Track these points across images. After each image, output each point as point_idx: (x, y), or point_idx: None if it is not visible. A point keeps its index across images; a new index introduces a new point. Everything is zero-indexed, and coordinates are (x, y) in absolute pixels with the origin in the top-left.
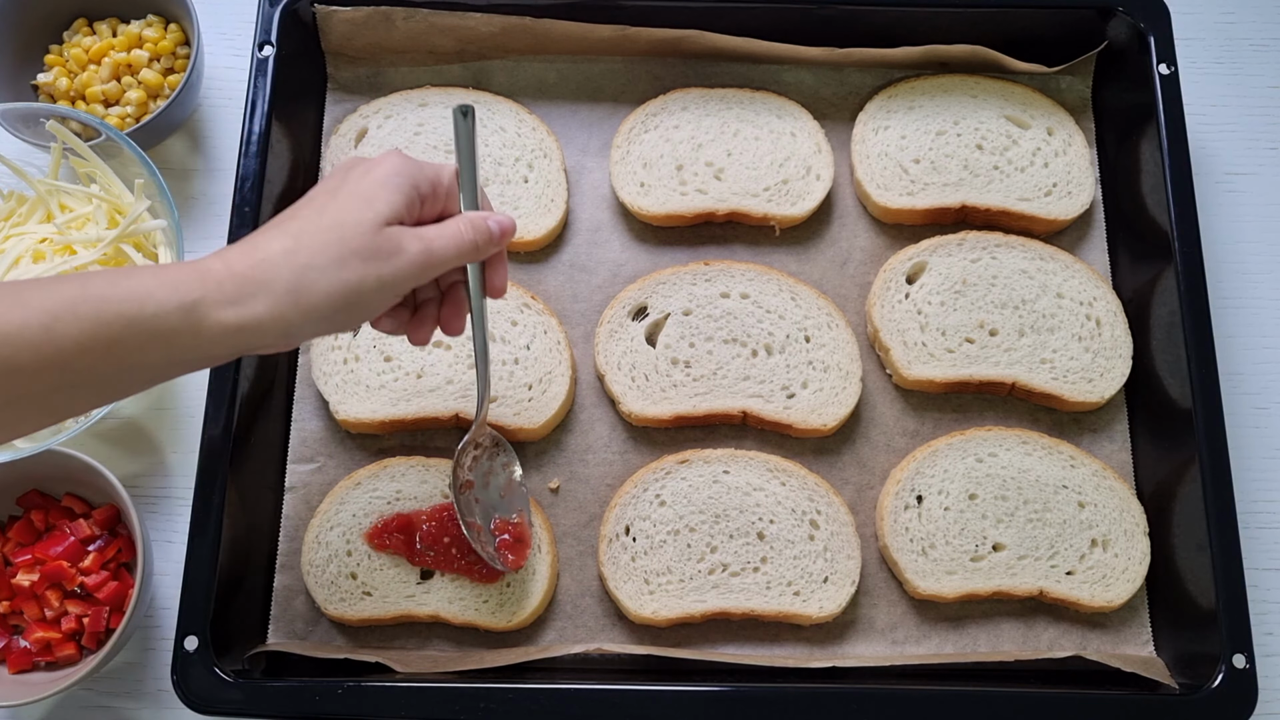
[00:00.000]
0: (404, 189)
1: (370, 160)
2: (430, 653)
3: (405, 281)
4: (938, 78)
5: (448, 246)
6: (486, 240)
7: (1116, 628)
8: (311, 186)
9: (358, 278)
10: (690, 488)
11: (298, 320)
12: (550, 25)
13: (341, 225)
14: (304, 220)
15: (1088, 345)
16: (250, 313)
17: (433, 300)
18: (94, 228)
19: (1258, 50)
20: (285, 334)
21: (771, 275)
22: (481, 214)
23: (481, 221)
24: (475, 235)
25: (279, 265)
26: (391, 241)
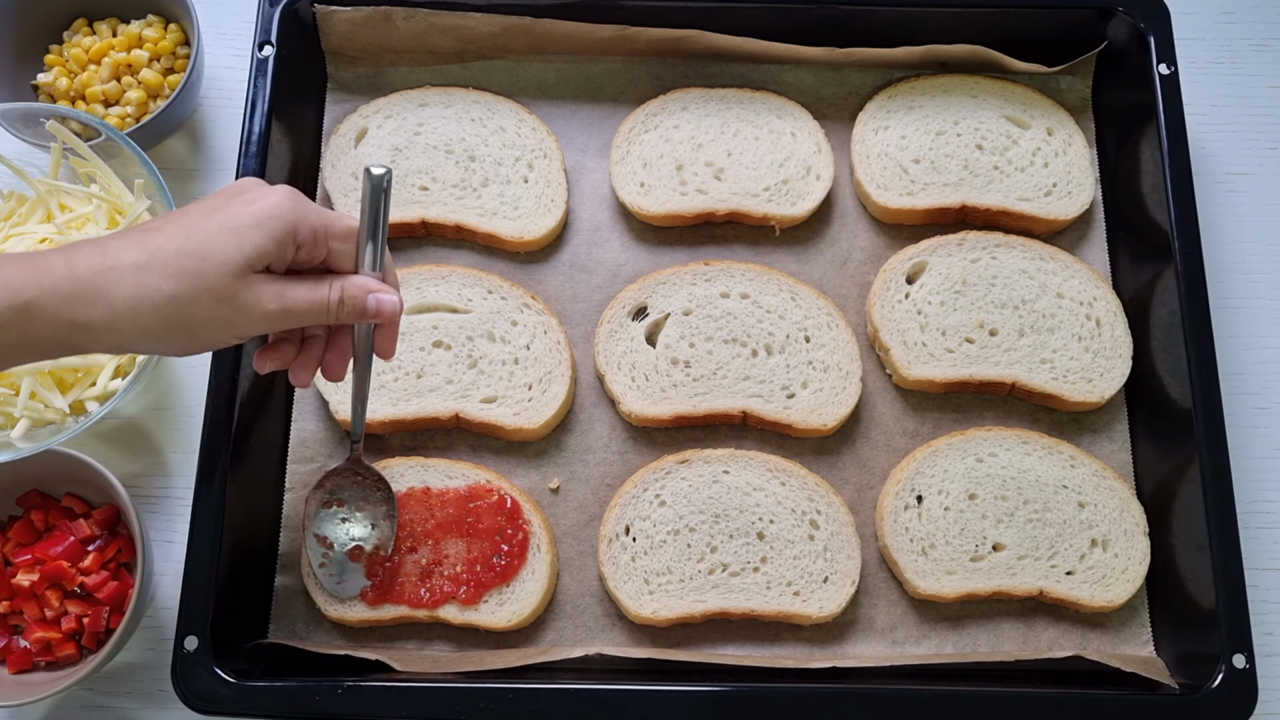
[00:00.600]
0: (278, 234)
1: (260, 190)
2: (430, 653)
3: (254, 331)
4: (938, 78)
5: (307, 310)
6: (355, 313)
7: (1116, 628)
8: (312, 186)
9: (205, 315)
10: (690, 488)
11: (132, 336)
12: (550, 25)
13: (204, 258)
14: (167, 237)
15: (1088, 345)
16: (82, 317)
17: (319, 339)
18: (94, 228)
19: (1258, 50)
20: (117, 346)
21: (771, 275)
22: (363, 285)
23: (359, 294)
24: (342, 307)
25: (125, 279)
26: (250, 290)
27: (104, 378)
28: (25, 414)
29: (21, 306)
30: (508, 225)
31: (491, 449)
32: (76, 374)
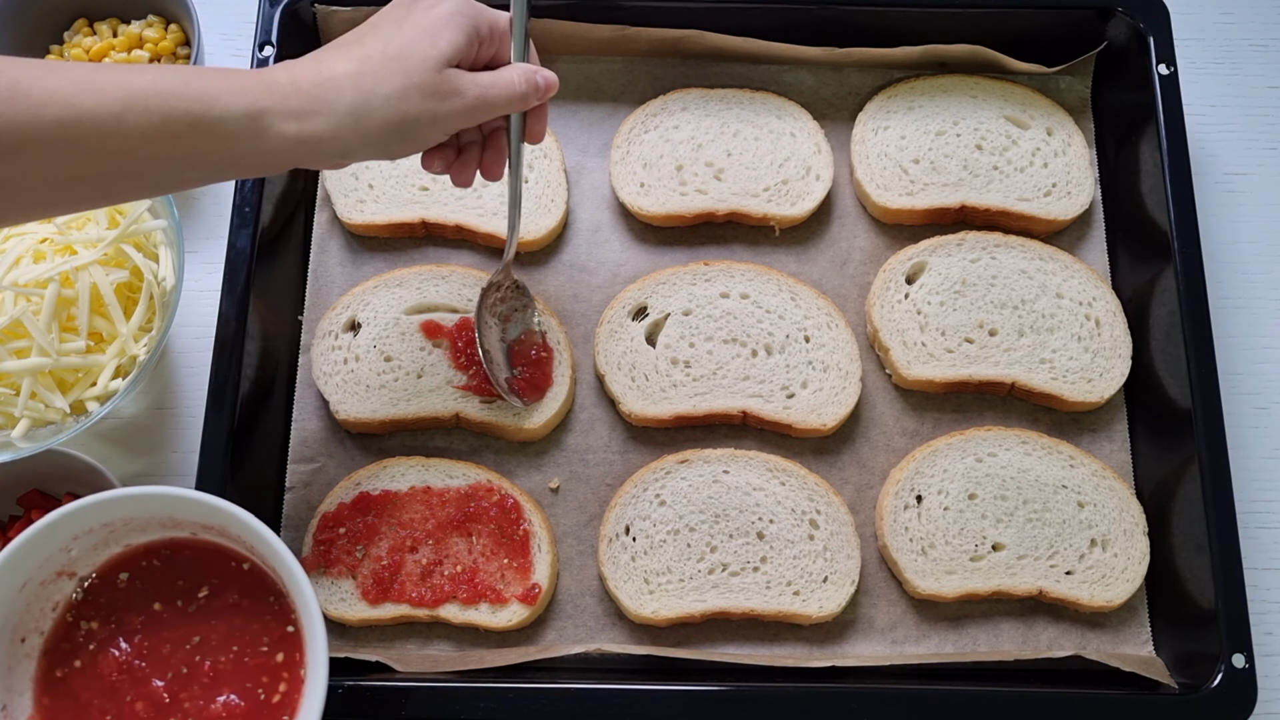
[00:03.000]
0: (466, 29)
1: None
2: (430, 653)
3: (458, 122)
4: (937, 78)
5: (500, 95)
6: (535, 92)
7: (1116, 627)
8: (312, 186)
9: (416, 111)
10: (690, 487)
11: (354, 142)
12: (550, 25)
13: (406, 58)
14: (369, 46)
15: (1087, 345)
16: (311, 128)
17: (476, 144)
18: (94, 228)
19: (1257, 50)
20: (342, 154)
21: (771, 275)
22: (531, 67)
23: (532, 74)
24: (526, 86)
25: (343, 87)
26: (450, 83)
27: (104, 378)
28: (25, 414)
29: (256, 114)
30: None
31: (491, 449)
32: (77, 374)
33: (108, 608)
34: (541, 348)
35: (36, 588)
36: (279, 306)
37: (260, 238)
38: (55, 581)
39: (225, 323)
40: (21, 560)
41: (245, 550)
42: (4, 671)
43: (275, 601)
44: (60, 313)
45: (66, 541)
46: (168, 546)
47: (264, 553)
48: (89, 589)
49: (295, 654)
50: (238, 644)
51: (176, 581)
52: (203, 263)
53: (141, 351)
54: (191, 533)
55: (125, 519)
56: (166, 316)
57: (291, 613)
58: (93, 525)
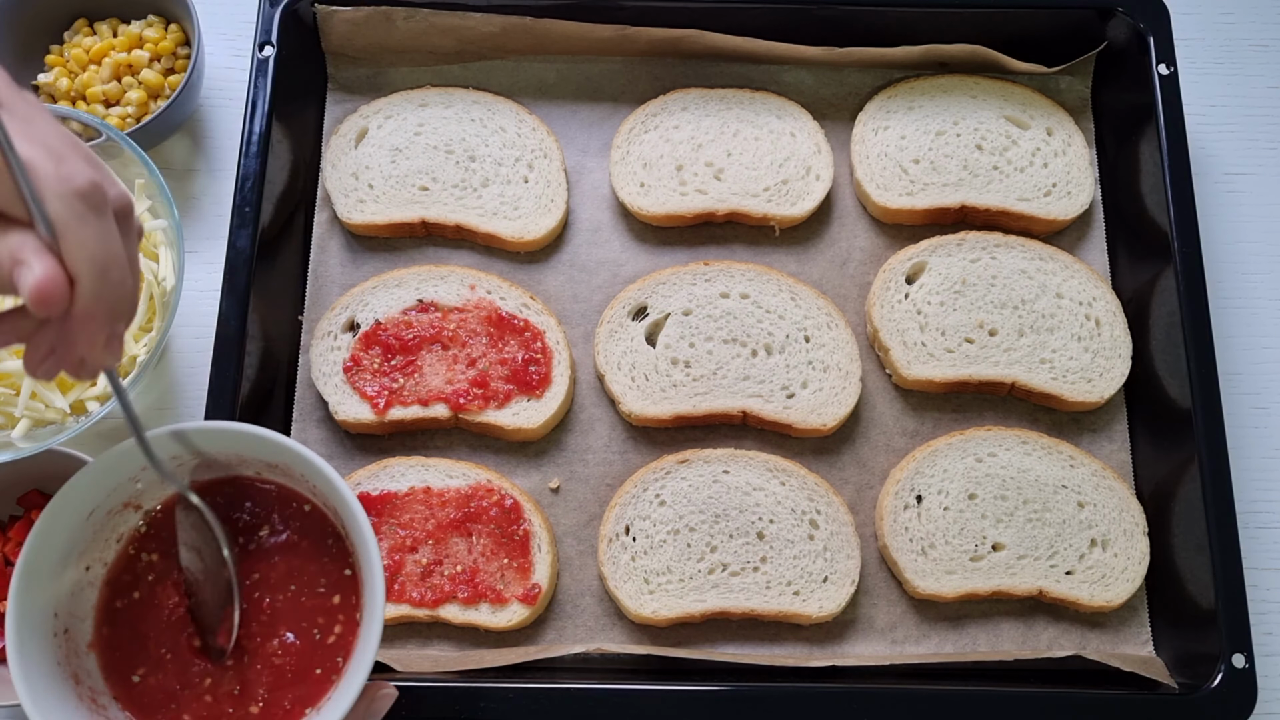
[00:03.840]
0: None
1: None
2: (430, 653)
3: None
4: (937, 78)
5: None
6: None
7: (1116, 627)
8: (312, 186)
9: None
10: (690, 487)
11: None
12: (550, 25)
13: None
14: None
15: (1087, 345)
16: None
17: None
18: None
19: (1257, 50)
20: None
21: (771, 275)
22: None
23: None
24: None
25: None
26: None
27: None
28: (26, 414)
29: None
30: (508, 225)
31: (491, 449)
32: None
33: (169, 542)
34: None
35: (103, 517)
36: (279, 306)
37: (260, 238)
38: (121, 513)
39: (225, 323)
40: (90, 488)
41: (307, 492)
42: (68, 596)
43: (334, 544)
44: None
45: (135, 472)
46: (231, 484)
47: (326, 493)
48: (152, 522)
49: (352, 597)
50: (295, 583)
51: (238, 520)
52: (203, 263)
53: (141, 351)
54: (255, 472)
55: (193, 452)
56: (166, 316)
57: (349, 556)
58: (162, 456)
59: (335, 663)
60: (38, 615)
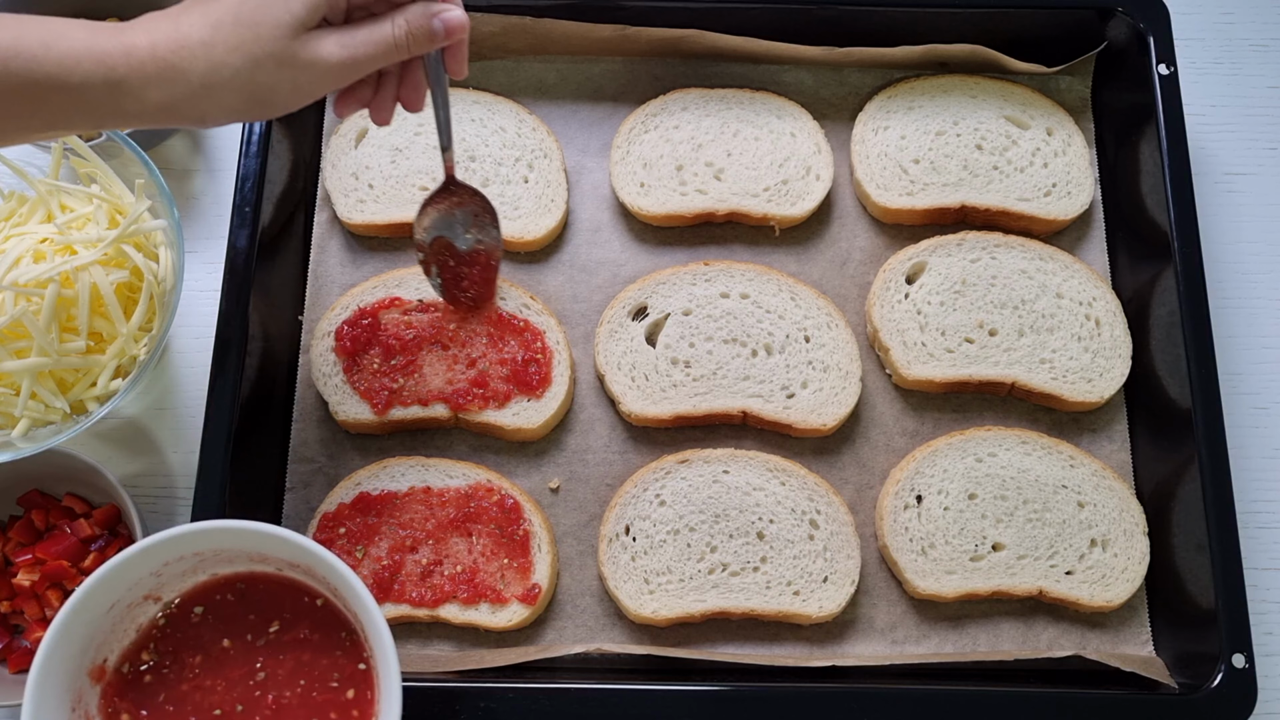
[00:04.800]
0: None
1: None
2: (430, 653)
3: (324, 87)
4: (937, 78)
5: (373, 52)
6: (423, 39)
7: (1116, 627)
8: (312, 186)
9: (271, 81)
10: (690, 487)
11: (212, 111)
12: (550, 25)
13: (257, 24)
14: (224, 8)
15: (1087, 345)
16: (167, 97)
17: (392, 76)
18: (94, 228)
19: (1257, 50)
20: (199, 120)
21: (771, 275)
22: (424, 10)
23: (423, 20)
24: (408, 38)
25: (196, 57)
26: (308, 50)
27: (104, 378)
28: (26, 414)
29: (116, 82)
30: (508, 225)
31: (491, 449)
32: (77, 374)
33: (179, 639)
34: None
35: (123, 610)
36: (279, 306)
37: (260, 238)
38: (141, 605)
39: (225, 323)
40: (115, 580)
41: (323, 589)
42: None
43: (347, 638)
44: (60, 313)
45: (158, 566)
46: (244, 580)
47: (345, 595)
48: (170, 616)
49: (367, 692)
50: (305, 678)
51: (249, 616)
52: (203, 263)
53: (141, 351)
54: (276, 569)
55: (216, 550)
56: (166, 316)
57: (364, 651)
58: (184, 553)
59: None
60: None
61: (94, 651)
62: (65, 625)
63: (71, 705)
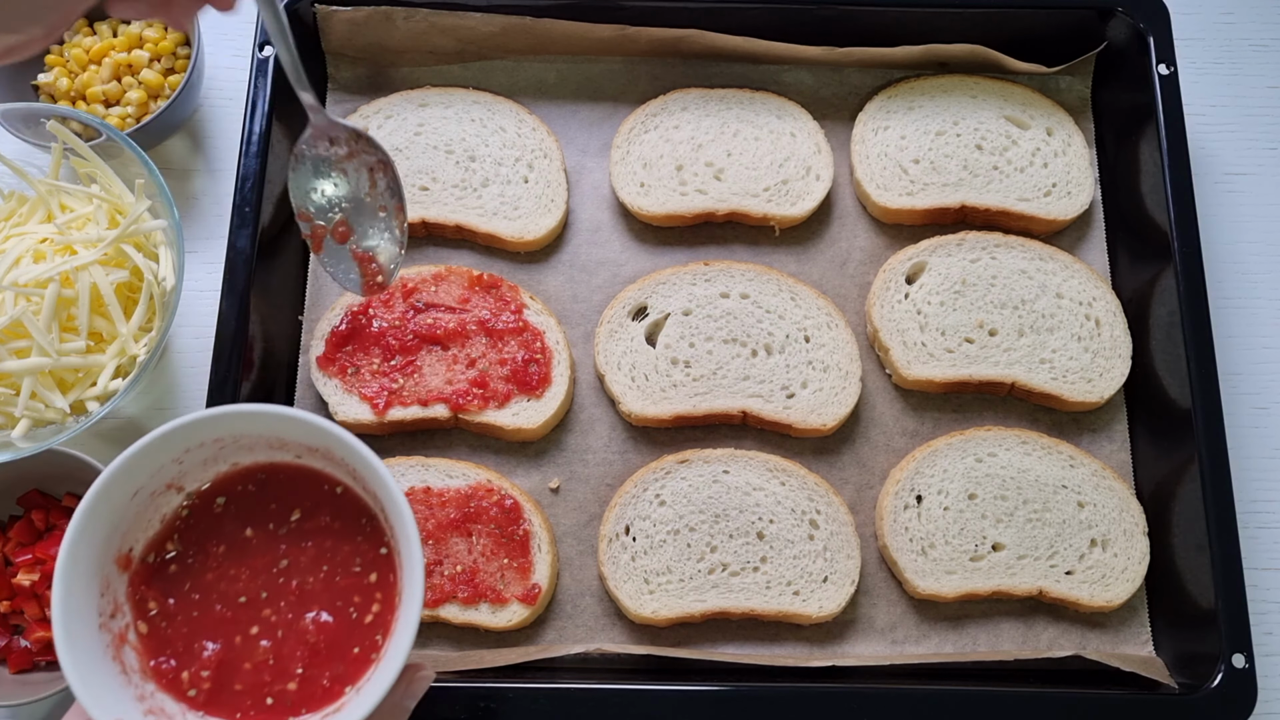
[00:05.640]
0: None
1: None
2: (430, 653)
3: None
4: (937, 78)
5: None
6: None
7: (1116, 627)
8: None
9: None
10: (690, 487)
11: None
12: (550, 25)
13: None
14: None
15: (1087, 345)
16: None
17: None
18: (94, 228)
19: (1257, 50)
20: None
21: (771, 275)
22: None
23: None
24: None
25: None
26: None
27: (104, 378)
28: (26, 414)
29: None
30: (508, 225)
31: (491, 449)
32: (77, 374)
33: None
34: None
35: (147, 498)
36: (279, 306)
37: (260, 238)
38: (164, 494)
39: (225, 323)
40: (137, 467)
41: (342, 474)
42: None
43: (367, 524)
44: (60, 313)
45: (179, 453)
46: (264, 471)
47: (365, 475)
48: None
49: (389, 575)
50: (328, 565)
51: (270, 505)
52: (202, 263)
53: (141, 351)
54: (295, 455)
55: (236, 436)
56: (166, 316)
57: (384, 535)
58: (205, 439)
59: (374, 641)
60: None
61: (119, 539)
62: (91, 509)
63: (100, 590)
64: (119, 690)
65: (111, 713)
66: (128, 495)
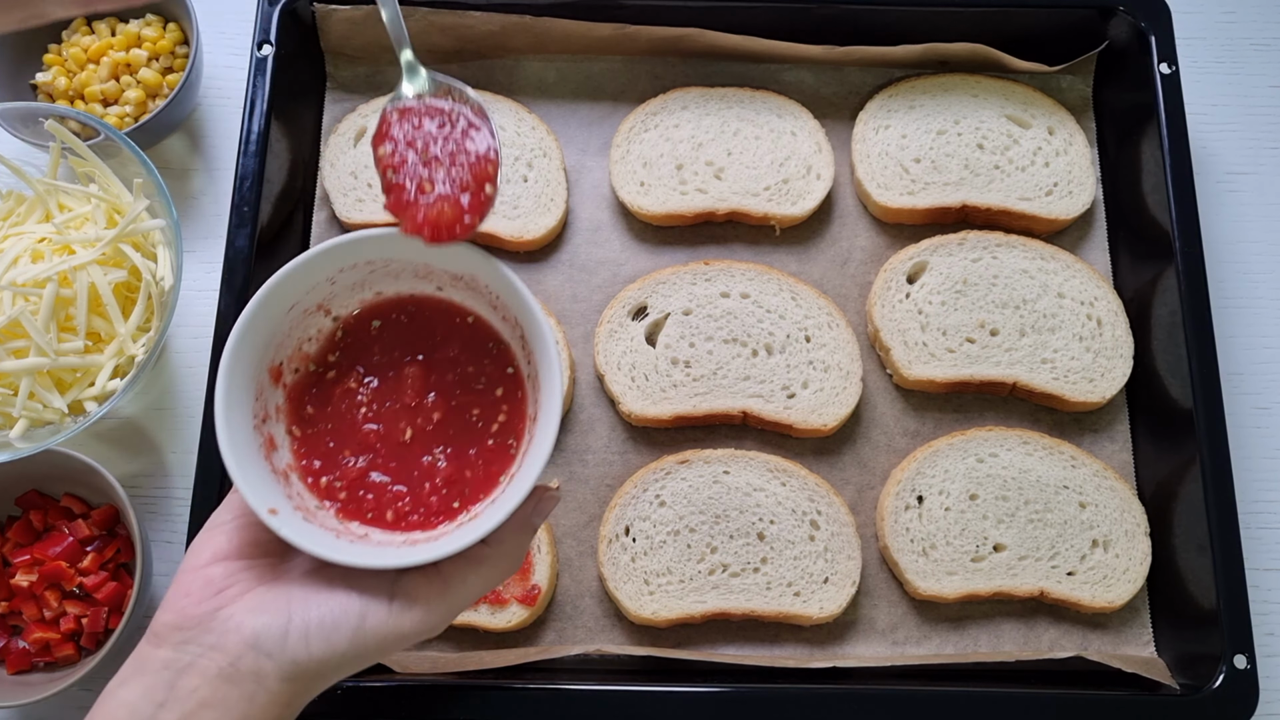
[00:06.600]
0: None
1: None
2: (429, 653)
3: None
4: (938, 77)
5: None
6: None
7: (1117, 628)
8: (311, 186)
9: None
10: (690, 488)
11: None
12: (550, 24)
13: None
14: None
15: (1089, 345)
16: None
17: None
18: (93, 227)
19: (1258, 50)
20: None
21: (772, 275)
22: None
23: None
24: None
25: None
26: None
27: (103, 378)
28: (24, 414)
29: None
30: (507, 225)
31: None
32: (75, 374)
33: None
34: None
35: (300, 314)
36: None
37: (259, 237)
38: (315, 314)
39: (224, 323)
40: (296, 281)
41: (481, 305)
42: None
43: (494, 347)
44: (58, 312)
45: (333, 272)
46: (414, 304)
47: (508, 300)
48: (346, 328)
49: (517, 391)
50: (461, 390)
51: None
52: (201, 262)
53: (140, 351)
54: (438, 286)
55: (386, 260)
56: (165, 316)
57: (512, 358)
58: (357, 260)
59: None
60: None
61: (273, 351)
62: (253, 317)
63: (255, 394)
64: (271, 485)
65: (266, 503)
66: (284, 309)
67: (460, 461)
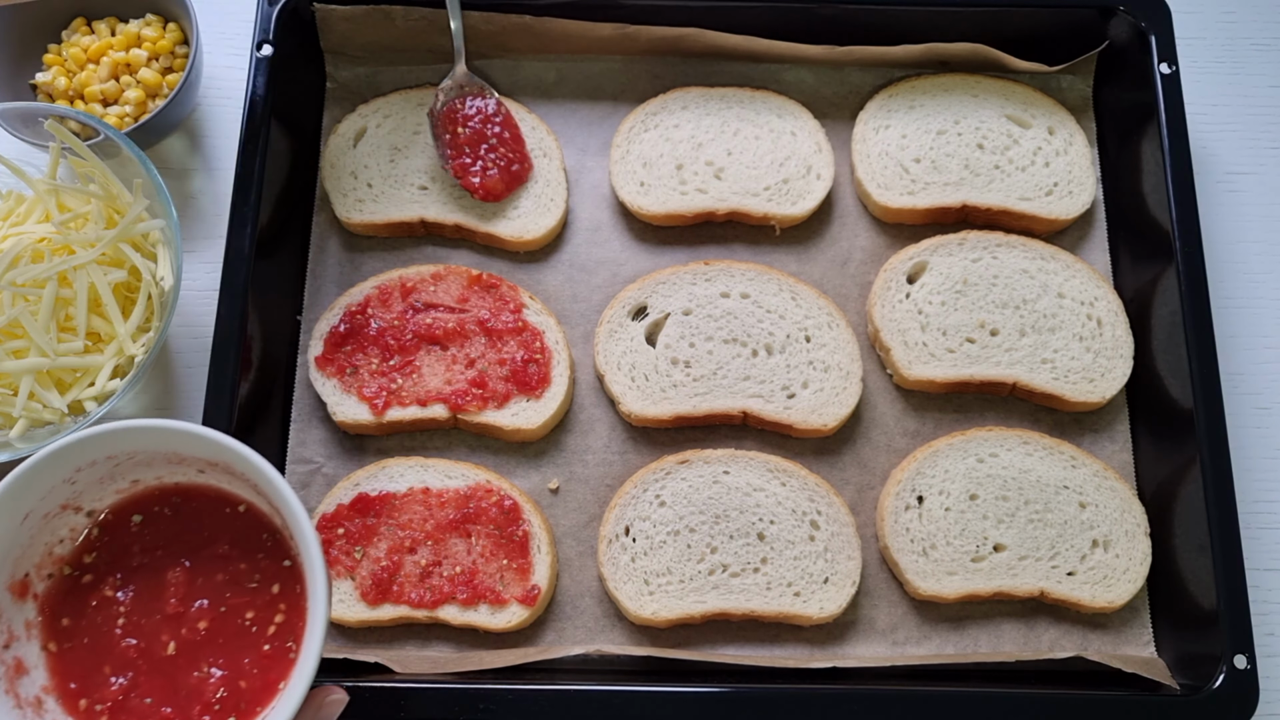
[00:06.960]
0: None
1: None
2: (429, 654)
3: None
4: (938, 77)
5: None
6: None
7: (1118, 628)
8: (310, 186)
9: None
10: (690, 488)
11: None
12: (550, 24)
13: None
14: None
15: (1089, 345)
16: None
17: None
18: (93, 227)
19: (1259, 50)
20: None
21: (772, 275)
22: None
23: None
24: None
25: None
26: None
27: (102, 378)
28: (24, 414)
29: None
30: (507, 225)
31: (490, 449)
32: (75, 374)
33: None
34: (540, 349)
35: (40, 521)
36: (278, 306)
37: (259, 237)
38: (62, 514)
39: (224, 323)
40: (22, 490)
41: (245, 490)
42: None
43: (269, 539)
44: (58, 312)
45: (69, 473)
46: (179, 494)
47: (268, 492)
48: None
49: (295, 586)
50: (232, 592)
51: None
52: (201, 262)
53: (139, 351)
54: (197, 470)
55: (129, 452)
56: (165, 316)
57: (288, 550)
58: (96, 457)
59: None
60: None
61: (11, 565)
62: None
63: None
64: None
65: None
66: (17, 520)
67: (234, 672)
